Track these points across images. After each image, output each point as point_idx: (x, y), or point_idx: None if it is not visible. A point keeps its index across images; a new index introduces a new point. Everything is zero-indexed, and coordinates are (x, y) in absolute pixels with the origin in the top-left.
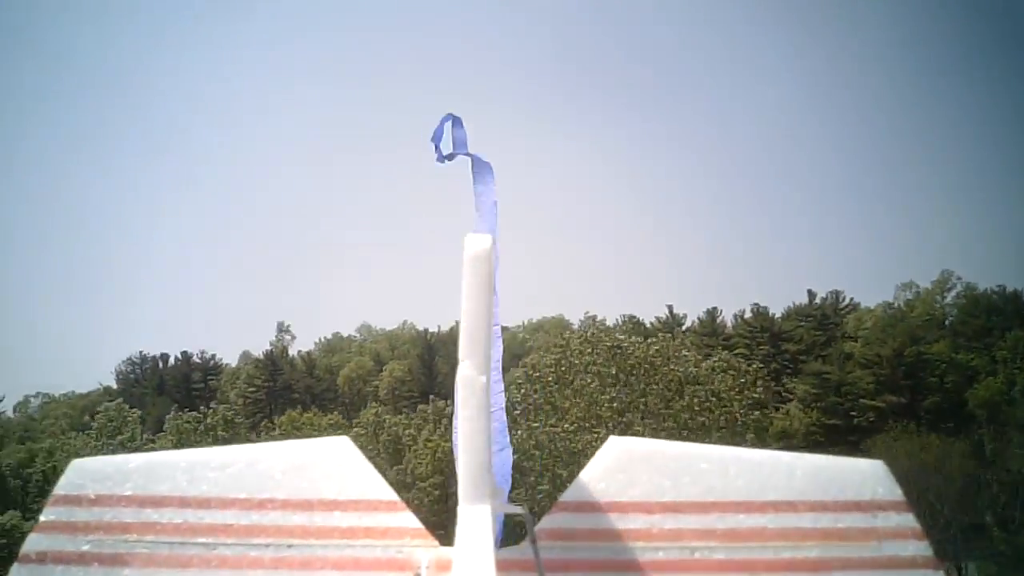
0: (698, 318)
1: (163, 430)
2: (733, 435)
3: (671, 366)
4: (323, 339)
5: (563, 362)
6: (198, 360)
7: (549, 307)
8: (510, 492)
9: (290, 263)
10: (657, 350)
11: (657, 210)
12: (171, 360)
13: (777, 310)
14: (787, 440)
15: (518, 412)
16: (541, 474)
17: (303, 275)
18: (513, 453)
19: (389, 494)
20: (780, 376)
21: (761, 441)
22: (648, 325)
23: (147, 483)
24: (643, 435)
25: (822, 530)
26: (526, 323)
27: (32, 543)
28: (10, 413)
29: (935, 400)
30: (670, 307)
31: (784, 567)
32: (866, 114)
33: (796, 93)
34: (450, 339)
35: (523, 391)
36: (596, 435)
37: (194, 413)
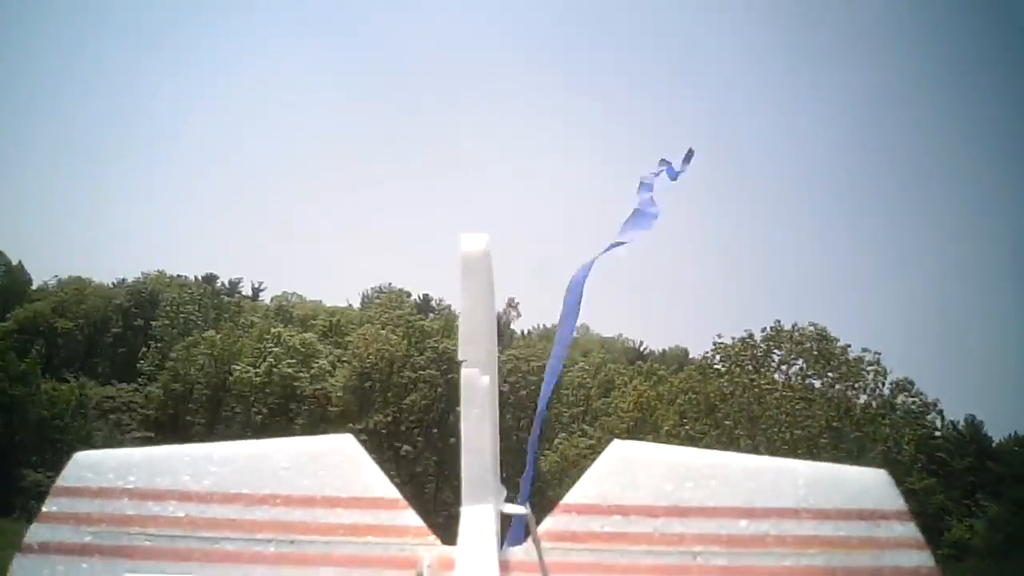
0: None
1: None
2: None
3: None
4: None
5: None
6: None
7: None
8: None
9: None
10: None
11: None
12: None
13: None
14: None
15: None
16: None
17: None
18: None
19: (392, 492)
20: (974, 491)
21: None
22: None
23: (150, 476)
24: None
25: (824, 538)
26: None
27: (34, 534)
28: None
29: None
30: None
31: (786, 574)
32: None
33: None
34: None
35: None
36: None
37: None
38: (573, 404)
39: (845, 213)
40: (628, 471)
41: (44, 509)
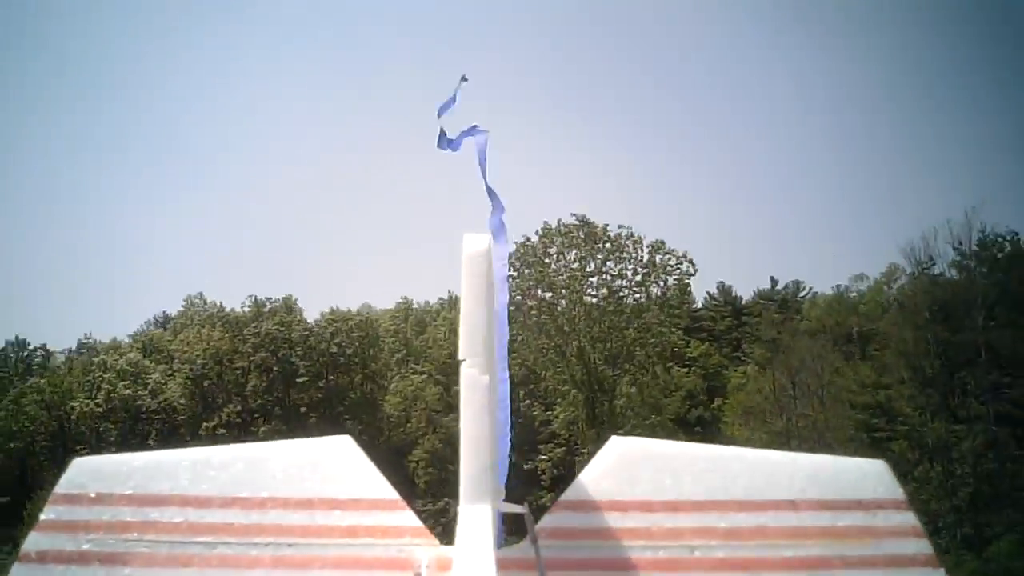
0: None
1: None
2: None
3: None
4: None
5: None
6: None
7: None
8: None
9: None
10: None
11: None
12: None
13: (744, 294)
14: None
15: None
16: None
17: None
18: None
19: (390, 493)
20: (739, 344)
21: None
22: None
23: (148, 482)
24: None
25: (822, 528)
26: None
27: (32, 542)
28: None
29: None
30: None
31: (784, 566)
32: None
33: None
34: None
35: None
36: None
37: None
38: (395, 351)
39: None
40: (625, 467)
41: (43, 517)
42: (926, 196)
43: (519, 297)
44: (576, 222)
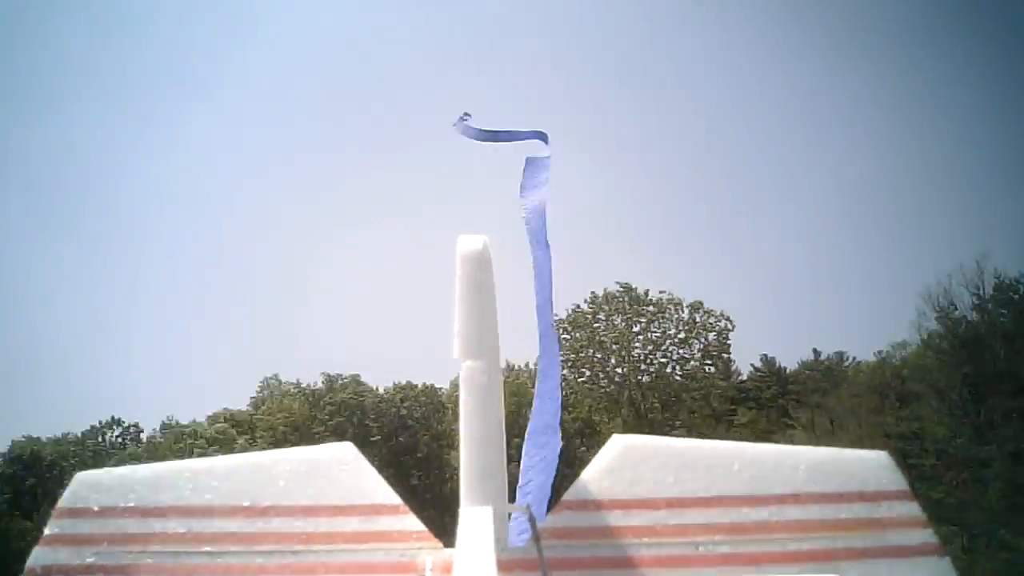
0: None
1: None
2: None
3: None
4: None
5: None
6: None
7: None
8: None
9: None
10: None
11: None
12: None
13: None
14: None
15: None
16: None
17: None
18: None
19: (393, 498)
20: (786, 412)
21: None
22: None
23: (151, 494)
24: None
25: (827, 521)
26: None
27: (37, 557)
28: None
29: None
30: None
31: (790, 559)
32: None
33: None
34: None
35: None
36: None
37: None
38: (457, 415)
39: None
40: (628, 465)
41: (46, 532)
42: (937, 243)
43: (572, 355)
44: (620, 289)
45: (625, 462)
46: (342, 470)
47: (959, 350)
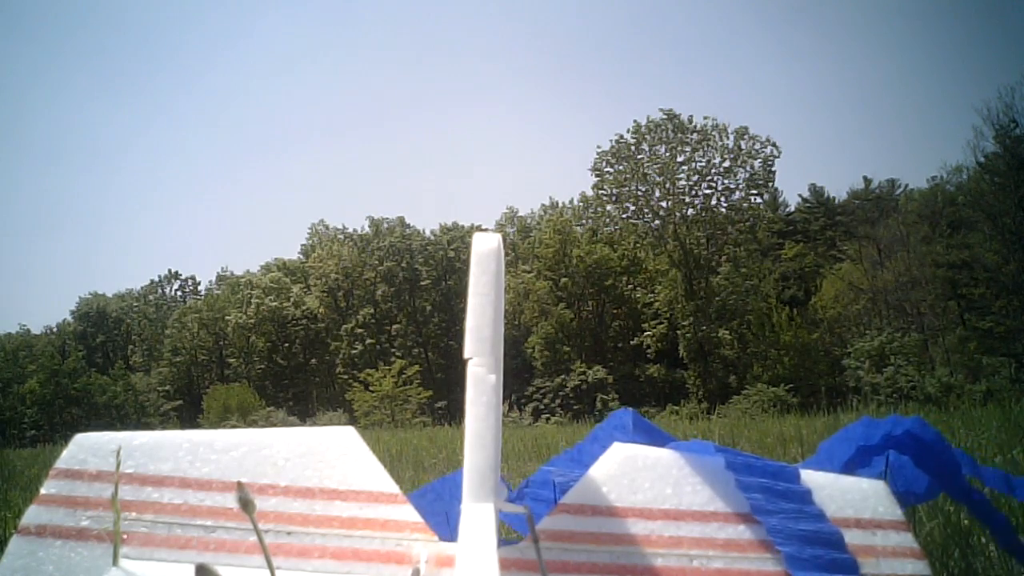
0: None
1: None
2: None
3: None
4: None
5: None
6: None
7: None
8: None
9: None
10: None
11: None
12: None
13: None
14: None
15: None
16: None
17: None
18: None
19: (391, 486)
20: (834, 244)
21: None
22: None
23: (149, 461)
24: None
25: None
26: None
27: (32, 515)
28: None
29: None
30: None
31: None
32: None
33: None
34: None
35: None
36: None
37: None
38: (506, 253)
39: None
40: (628, 473)
41: (42, 491)
42: (998, 54)
43: (616, 189)
44: (664, 116)
45: (625, 470)
46: (342, 455)
47: (1016, 171)
